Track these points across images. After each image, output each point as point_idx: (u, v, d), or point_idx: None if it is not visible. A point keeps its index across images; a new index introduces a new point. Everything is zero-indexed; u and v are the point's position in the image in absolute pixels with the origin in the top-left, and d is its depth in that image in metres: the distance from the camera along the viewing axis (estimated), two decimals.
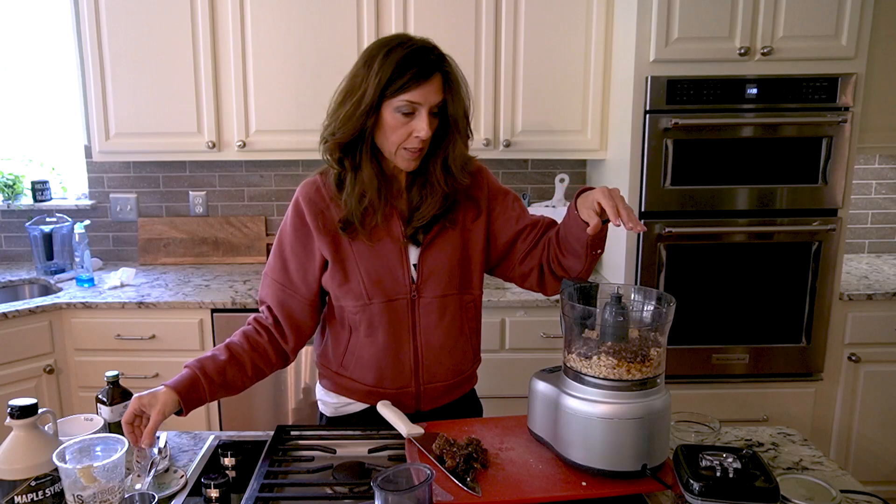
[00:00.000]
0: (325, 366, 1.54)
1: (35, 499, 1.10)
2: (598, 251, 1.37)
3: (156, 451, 1.35)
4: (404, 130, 1.32)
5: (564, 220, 1.37)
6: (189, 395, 1.32)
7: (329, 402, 1.55)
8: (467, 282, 1.47)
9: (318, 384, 1.59)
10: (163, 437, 1.40)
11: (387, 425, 1.38)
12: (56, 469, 1.09)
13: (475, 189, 1.48)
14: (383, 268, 1.40)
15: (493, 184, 1.52)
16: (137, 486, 1.19)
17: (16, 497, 1.08)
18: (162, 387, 1.30)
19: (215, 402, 2.59)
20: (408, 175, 1.43)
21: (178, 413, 1.32)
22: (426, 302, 1.43)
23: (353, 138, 1.36)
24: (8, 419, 1.10)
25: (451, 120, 1.36)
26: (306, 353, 2.57)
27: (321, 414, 1.60)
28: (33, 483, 1.09)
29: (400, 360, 1.44)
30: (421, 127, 1.31)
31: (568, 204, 3.10)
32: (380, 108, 1.32)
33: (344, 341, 1.47)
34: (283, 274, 1.45)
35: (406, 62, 1.29)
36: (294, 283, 1.44)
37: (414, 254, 1.43)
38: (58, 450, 1.09)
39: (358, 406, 1.51)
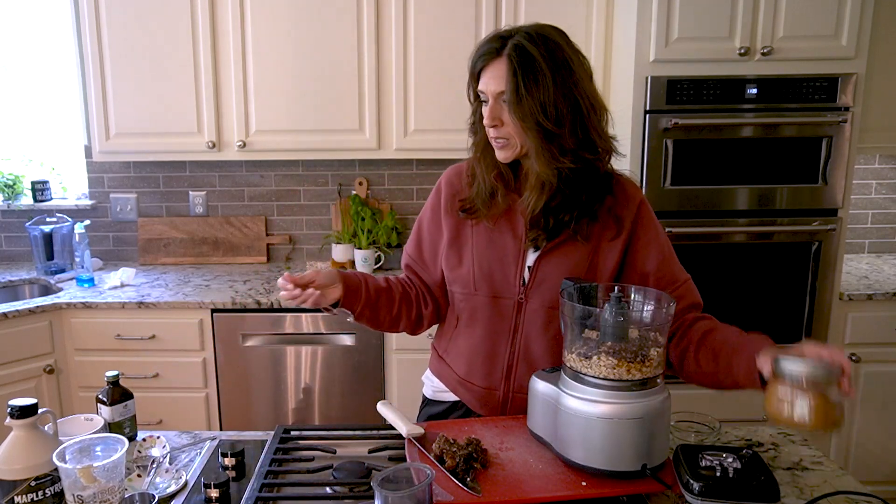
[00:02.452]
0: (435, 347, 1.56)
1: (35, 499, 1.10)
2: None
3: (155, 451, 1.35)
4: (486, 119, 1.32)
5: (736, 349, 1.29)
6: (351, 293, 1.39)
7: (429, 384, 1.57)
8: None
9: (428, 365, 1.61)
10: (163, 437, 1.40)
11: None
12: (56, 469, 1.09)
13: (621, 207, 1.37)
14: (496, 261, 1.38)
15: (646, 210, 1.41)
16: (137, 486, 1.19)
17: (16, 497, 1.08)
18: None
19: (215, 402, 2.59)
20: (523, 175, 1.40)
21: (333, 307, 1.39)
22: (533, 308, 1.38)
23: (473, 124, 1.40)
24: (8, 419, 1.10)
25: (511, 112, 1.27)
26: (306, 353, 2.57)
27: (423, 395, 1.61)
28: (33, 483, 1.09)
29: (493, 360, 1.42)
30: (486, 114, 1.31)
31: None
32: (477, 98, 1.36)
33: (451, 327, 1.49)
34: (416, 251, 1.51)
35: (477, 51, 1.32)
36: (425, 262, 1.50)
37: (532, 258, 1.38)
38: (58, 450, 1.09)
39: (450, 397, 1.51)
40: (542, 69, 1.25)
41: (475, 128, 1.40)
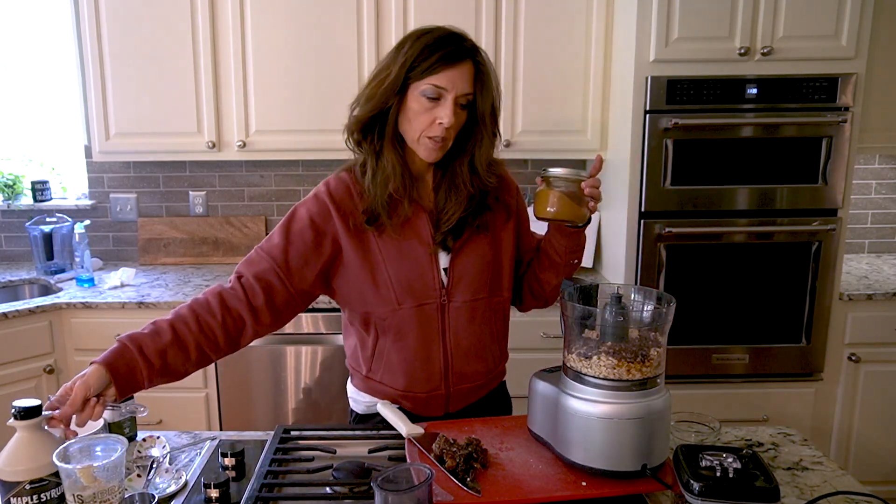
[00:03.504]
0: (354, 368, 1.52)
1: (35, 501, 1.09)
2: (576, 261, 1.43)
3: (155, 451, 1.35)
4: (427, 117, 1.29)
5: (545, 233, 1.43)
6: (122, 373, 1.23)
7: (361, 400, 1.53)
8: (497, 285, 1.45)
9: (349, 382, 1.58)
10: (163, 437, 1.40)
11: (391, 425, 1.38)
12: (57, 473, 1.09)
13: (504, 192, 1.46)
14: (413, 272, 1.37)
15: (520, 194, 1.51)
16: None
17: (12, 499, 1.08)
18: (91, 365, 1.20)
19: (215, 402, 2.59)
20: (435, 175, 1.41)
21: (108, 390, 1.21)
22: (456, 306, 1.40)
23: (373, 118, 1.32)
24: (11, 420, 1.10)
25: (479, 115, 1.33)
26: (306, 353, 2.57)
27: (352, 411, 1.58)
28: (28, 486, 1.08)
29: (430, 365, 1.42)
30: (445, 114, 1.27)
31: None
32: (405, 90, 1.29)
33: (370, 346, 1.45)
34: (281, 255, 1.35)
35: (436, 45, 1.28)
36: (290, 269, 1.35)
37: (444, 259, 1.39)
38: (58, 450, 1.09)
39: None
40: (497, 79, 1.37)
41: (387, 122, 1.32)
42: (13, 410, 1.09)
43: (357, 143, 1.37)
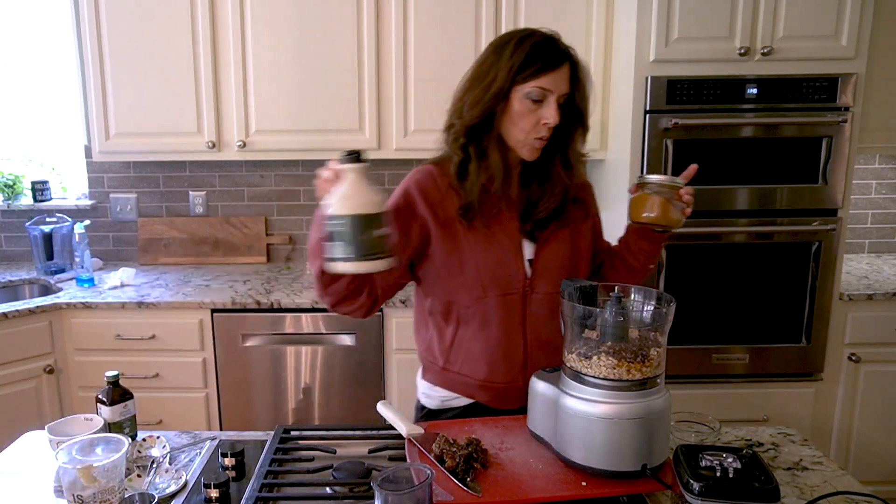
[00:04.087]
0: (429, 361, 1.53)
1: None
2: (651, 266, 1.53)
3: (155, 451, 1.35)
4: (532, 118, 1.34)
5: (623, 237, 1.52)
6: None
7: (435, 395, 1.53)
8: (599, 272, 1.56)
9: (419, 378, 1.58)
10: (163, 437, 1.40)
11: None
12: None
13: (582, 191, 1.51)
14: (498, 261, 1.41)
15: (594, 194, 1.58)
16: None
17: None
18: None
19: (215, 402, 2.59)
20: (522, 169, 1.44)
21: None
22: (538, 297, 1.43)
23: (479, 123, 1.37)
24: (342, 164, 1.16)
25: (577, 112, 1.38)
26: (306, 353, 2.57)
27: (422, 406, 1.58)
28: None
29: (510, 355, 1.45)
30: (551, 114, 1.33)
31: None
32: (509, 94, 1.34)
33: (449, 337, 1.47)
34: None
35: (538, 49, 1.33)
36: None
37: (528, 249, 1.44)
38: (58, 450, 1.09)
39: (464, 400, 1.50)
40: (587, 72, 1.41)
41: (493, 126, 1.37)
42: (345, 154, 1.17)
43: (462, 147, 1.40)
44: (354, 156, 1.16)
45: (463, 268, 1.41)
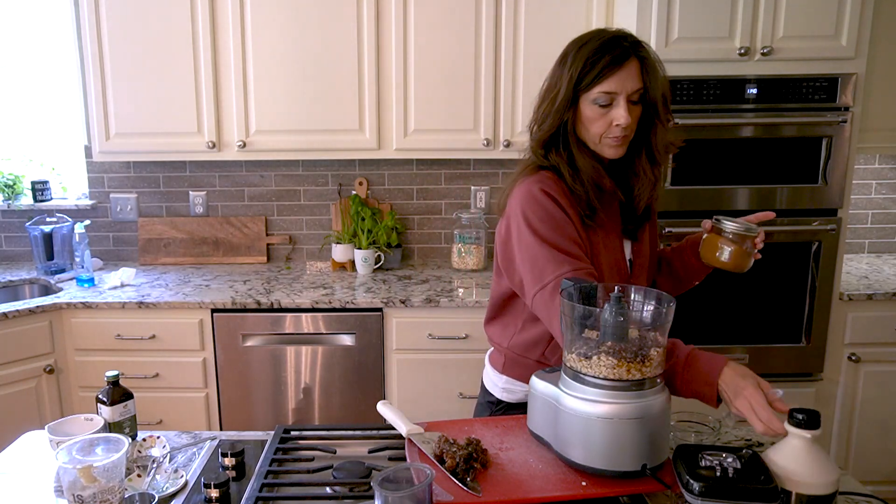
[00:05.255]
0: (522, 354, 1.52)
1: None
2: (696, 282, 1.58)
3: (155, 451, 1.35)
4: (604, 121, 1.34)
5: (679, 246, 1.57)
6: None
7: (518, 390, 1.53)
8: (654, 275, 1.58)
9: (495, 373, 1.57)
10: (163, 437, 1.40)
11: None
12: None
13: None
14: (612, 260, 1.42)
15: None
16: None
17: None
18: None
19: (215, 402, 2.59)
20: (611, 167, 1.43)
21: None
22: None
23: (553, 135, 1.39)
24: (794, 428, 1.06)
25: (650, 106, 1.36)
26: (306, 353, 2.57)
27: (498, 401, 1.57)
28: None
29: None
30: (620, 115, 1.32)
31: None
32: (577, 102, 1.35)
33: (549, 333, 1.45)
34: (578, 250, 1.34)
35: (597, 53, 1.32)
36: (582, 257, 1.35)
37: (627, 248, 1.47)
38: (58, 450, 1.09)
39: None
40: (662, 67, 1.39)
41: (569, 133, 1.37)
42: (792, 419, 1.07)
43: (543, 157, 1.41)
44: (810, 418, 1.07)
45: (599, 269, 1.40)
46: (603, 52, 1.32)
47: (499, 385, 1.58)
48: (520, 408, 1.53)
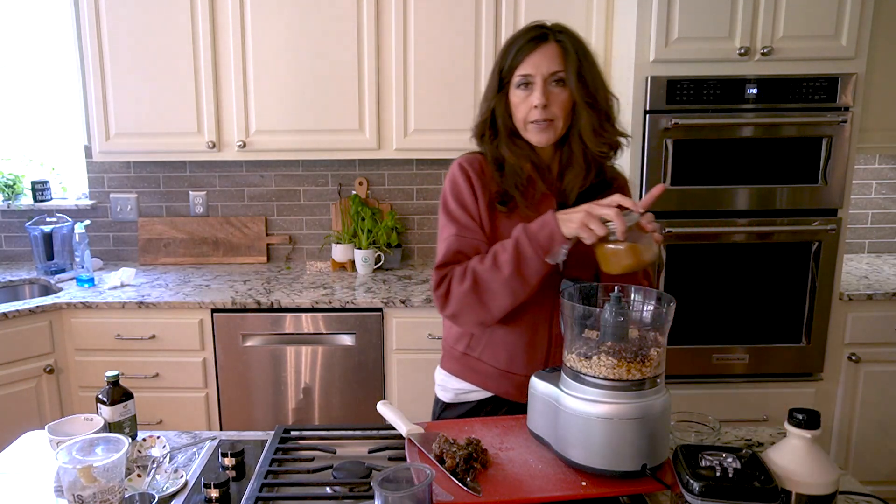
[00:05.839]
0: (452, 346, 1.53)
1: None
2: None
3: (155, 451, 1.35)
4: (525, 105, 1.37)
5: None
6: None
7: (450, 387, 1.54)
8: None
9: (438, 368, 1.59)
10: (163, 437, 1.40)
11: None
12: None
13: (620, 190, 1.47)
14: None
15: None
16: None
17: None
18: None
19: (215, 402, 2.59)
20: (558, 159, 1.45)
21: None
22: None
23: (484, 121, 1.44)
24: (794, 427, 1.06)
25: (577, 92, 1.37)
26: (306, 353, 2.57)
27: (438, 400, 1.59)
28: None
29: (534, 347, 1.45)
30: (535, 96, 1.35)
31: None
32: (504, 88, 1.39)
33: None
34: (475, 224, 1.42)
35: (515, 39, 1.39)
36: (473, 228, 1.42)
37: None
38: (58, 450, 1.09)
39: (481, 395, 1.50)
40: (590, 53, 1.41)
41: (497, 120, 1.42)
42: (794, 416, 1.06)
43: (480, 141, 1.47)
44: (810, 418, 1.06)
45: None
46: (520, 37, 1.39)
47: (436, 381, 1.59)
48: (453, 409, 1.53)
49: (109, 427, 1.35)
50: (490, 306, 1.36)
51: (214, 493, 1.18)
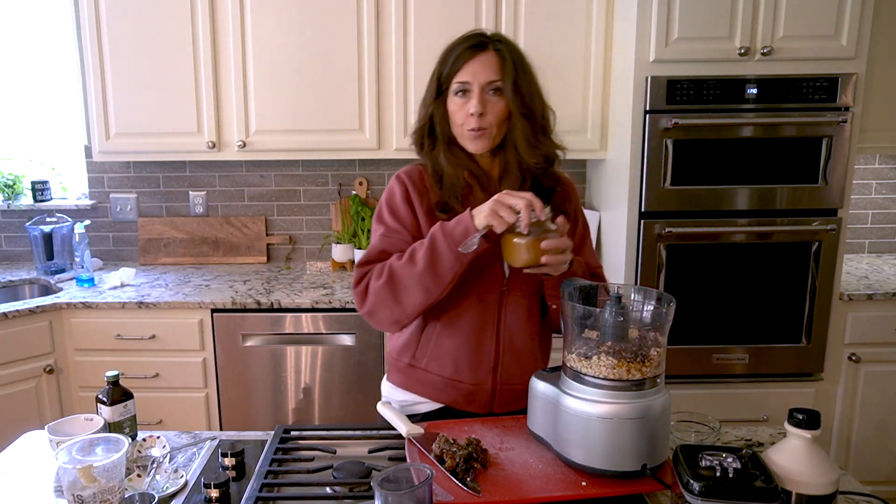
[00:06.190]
0: (396, 359, 1.52)
1: None
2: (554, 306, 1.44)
3: (155, 451, 1.35)
4: (462, 112, 1.37)
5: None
6: None
7: (396, 399, 1.52)
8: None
9: (384, 381, 1.58)
10: (163, 437, 1.40)
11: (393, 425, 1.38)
12: None
13: (566, 201, 1.50)
14: (479, 258, 1.38)
15: (580, 203, 1.56)
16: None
17: None
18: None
19: (215, 402, 2.59)
20: (497, 165, 1.46)
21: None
22: (515, 299, 1.43)
23: (423, 127, 1.44)
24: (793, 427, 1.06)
25: (513, 101, 1.37)
26: (306, 353, 2.57)
27: None
28: None
29: (480, 355, 1.44)
30: (472, 104, 1.35)
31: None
32: (442, 95, 1.39)
33: (418, 331, 1.46)
34: (406, 233, 1.42)
35: (454, 46, 1.38)
36: (400, 231, 1.43)
37: None
38: (58, 450, 1.09)
39: (428, 406, 1.49)
40: (527, 64, 1.42)
41: (435, 127, 1.42)
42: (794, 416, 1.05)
43: (419, 148, 1.47)
44: (810, 418, 1.05)
45: None
46: (458, 45, 1.38)
47: (383, 394, 1.58)
48: None
49: (109, 427, 1.35)
50: (404, 303, 1.35)
51: (214, 493, 1.18)
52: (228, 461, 1.30)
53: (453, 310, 1.42)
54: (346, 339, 2.57)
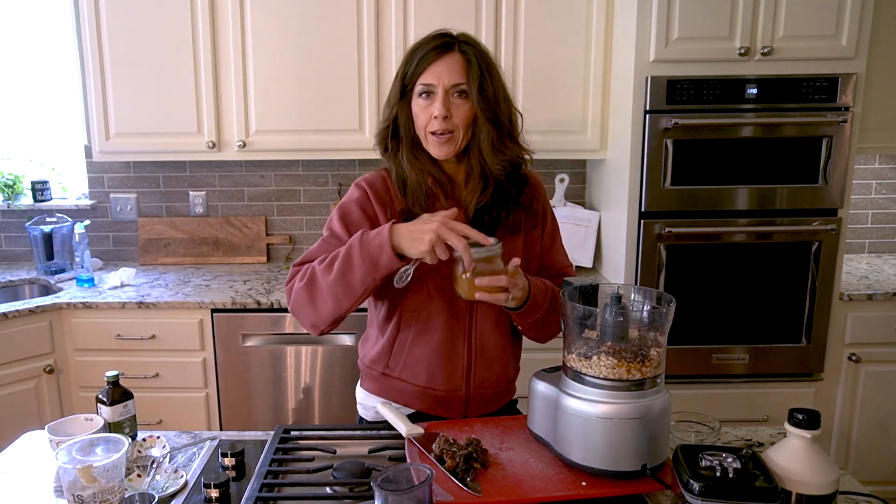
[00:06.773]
0: (369, 367, 1.51)
1: None
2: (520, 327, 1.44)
3: (155, 451, 1.35)
4: (426, 115, 1.34)
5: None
6: None
7: (370, 405, 1.51)
8: None
9: (358, 387, 1.57)
10: (163, 437, 1.40)
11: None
12: None
13: (533, 201, 1.47)
14: (446, 265, 1.35)
15: (548, 202, 1.54)
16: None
17: None
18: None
19: (215, 402, 2.59)
20: (463, 170, 1.43)
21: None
22: (485, 306, 1.40)
23: (386, 129, 1.41)
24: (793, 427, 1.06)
25: (478, 105, 1.34)
26: (306, 353, 2.57)
27: (361, 418, 1.57)
28: None
29: (453, 362, 1.43)
30: (436, 107, 1.32)
31: (567, 203, 3.07)
32: (406, 96, 1.36)
33: (390, 340, 1.45)
34: (336, 231, 1.40)
35: (419, 47, 1.34)
36: (343, 239, 1.38)
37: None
38: (58, 450, 1.09)
39: (402, 411, 1.47)
40: (494, 66, 1.37)
41: (399, 128, 1.39)
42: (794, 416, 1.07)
43: (383, 150, 1.44)
44: (810, 418, 1.07)
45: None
46: (423, 46, 1.34)
47: (357, 399, 1.57)
48: (375, 425, 1.50)
49: (109, 427, 1.35)
50: (319, 307, 1.32)
51: (214, 493, 1.18)
52: (228, 461, 1.30)
53: (425, 318, 1.41)
54: (346, 339, 2.57)
